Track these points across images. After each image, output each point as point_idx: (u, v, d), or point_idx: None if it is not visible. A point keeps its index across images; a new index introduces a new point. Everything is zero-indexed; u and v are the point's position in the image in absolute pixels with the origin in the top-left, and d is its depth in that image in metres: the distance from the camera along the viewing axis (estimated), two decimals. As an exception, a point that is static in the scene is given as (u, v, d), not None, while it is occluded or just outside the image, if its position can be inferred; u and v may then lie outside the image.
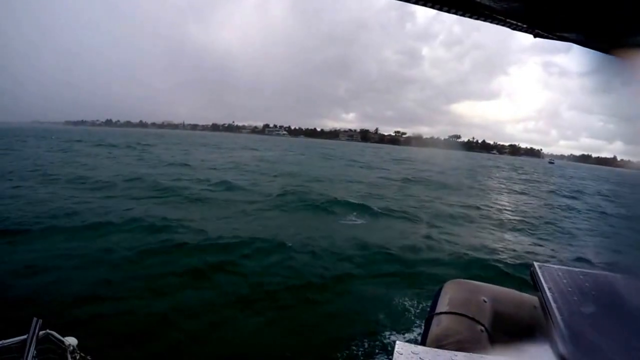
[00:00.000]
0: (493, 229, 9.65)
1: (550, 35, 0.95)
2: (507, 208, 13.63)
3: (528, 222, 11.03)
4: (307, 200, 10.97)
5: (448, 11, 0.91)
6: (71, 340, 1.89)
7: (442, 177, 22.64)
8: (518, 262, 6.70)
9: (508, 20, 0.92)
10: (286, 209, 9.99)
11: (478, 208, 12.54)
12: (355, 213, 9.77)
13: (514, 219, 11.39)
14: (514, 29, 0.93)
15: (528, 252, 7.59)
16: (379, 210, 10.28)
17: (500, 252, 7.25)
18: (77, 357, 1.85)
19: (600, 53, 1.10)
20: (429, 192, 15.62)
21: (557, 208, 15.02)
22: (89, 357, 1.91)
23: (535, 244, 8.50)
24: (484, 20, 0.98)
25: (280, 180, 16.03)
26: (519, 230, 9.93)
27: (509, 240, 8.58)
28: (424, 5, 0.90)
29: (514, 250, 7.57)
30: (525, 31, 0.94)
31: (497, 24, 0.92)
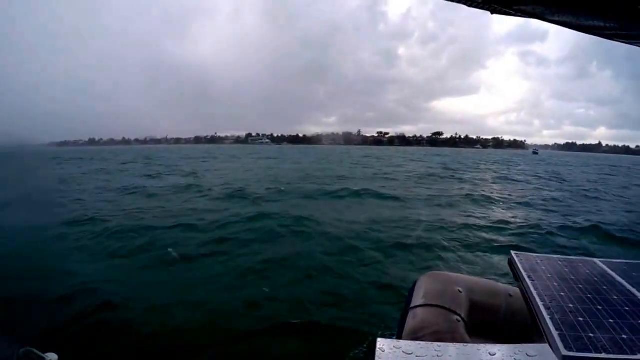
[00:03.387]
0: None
1: (508, 11, 0.92)
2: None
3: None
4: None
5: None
6: (52, 357, 1.81)
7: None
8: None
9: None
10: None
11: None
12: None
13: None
14: (470, 5, 0.89)
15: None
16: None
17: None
18: None
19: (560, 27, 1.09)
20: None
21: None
22: None
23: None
24: None
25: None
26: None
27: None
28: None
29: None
30: (482, 7, 0.91)
31: (452, 0, 0.88)
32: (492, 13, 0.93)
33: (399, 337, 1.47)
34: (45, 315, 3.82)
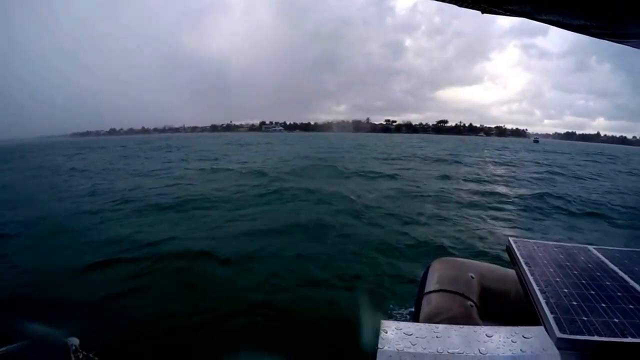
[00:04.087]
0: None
1: (497, 10, 0.95)
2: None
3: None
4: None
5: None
6: (73, 340, 1.90)
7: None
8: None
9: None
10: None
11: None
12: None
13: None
14: (460, 5, 0.93)
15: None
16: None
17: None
18: (81, 357, 1.86)
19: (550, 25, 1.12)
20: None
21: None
22: (91, 355, 1.93)
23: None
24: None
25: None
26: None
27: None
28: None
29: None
30: (472, 7, 0.94)
31: (442, 1, 0.91)
32: (482, 12, 0.97)
33: (416, 321, 1.50)
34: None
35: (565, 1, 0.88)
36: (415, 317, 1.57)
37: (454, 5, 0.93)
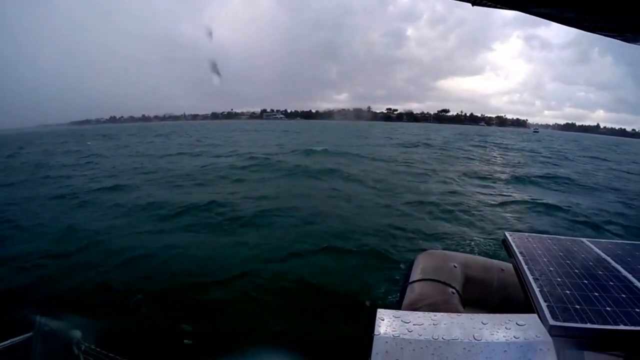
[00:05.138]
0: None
1: (488, 2, 0.94)
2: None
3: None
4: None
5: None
6: (76, 334, 1.94)
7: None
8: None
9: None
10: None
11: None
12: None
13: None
14: (450, -3, 0.91)
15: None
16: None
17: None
18: (83, 348, 1.90)
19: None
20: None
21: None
22: (92, 346, 1.96)
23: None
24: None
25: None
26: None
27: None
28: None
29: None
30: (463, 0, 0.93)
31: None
32: (472, 5, 0.95)
33: (399, 308, 1.54)
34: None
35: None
36: (398, 304, 1.61)
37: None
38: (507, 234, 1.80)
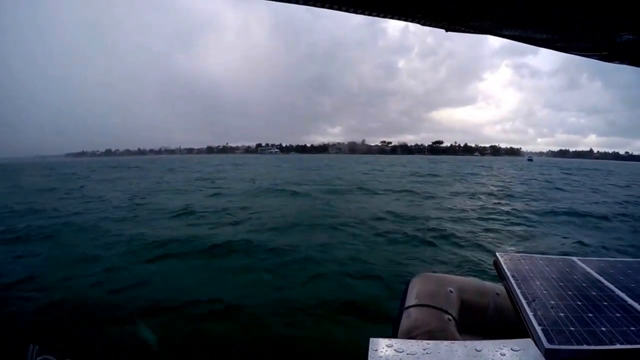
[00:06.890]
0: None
1: (460, 28, 0.98)
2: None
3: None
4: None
5: (369, 14, 0.93)
6: (32, 347, 1.83)
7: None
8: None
9: (417, 17, 0.94)
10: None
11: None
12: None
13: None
14: (423, 24, 0.95)
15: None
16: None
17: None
18: None
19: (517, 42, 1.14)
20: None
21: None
22: (52, 358, 1.84)
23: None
24: (399, 19, 1.00)
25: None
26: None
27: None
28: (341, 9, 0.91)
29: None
30: (436, 26, 0.97)
31: (407, 20, 0.93)
32: (446, 31, 0.99)
33: (394, 336, 1.50)
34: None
35: (523, 16, 0.90)
36: (394, 331, 1.57)
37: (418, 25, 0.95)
38: (498, 254, 1.79)
